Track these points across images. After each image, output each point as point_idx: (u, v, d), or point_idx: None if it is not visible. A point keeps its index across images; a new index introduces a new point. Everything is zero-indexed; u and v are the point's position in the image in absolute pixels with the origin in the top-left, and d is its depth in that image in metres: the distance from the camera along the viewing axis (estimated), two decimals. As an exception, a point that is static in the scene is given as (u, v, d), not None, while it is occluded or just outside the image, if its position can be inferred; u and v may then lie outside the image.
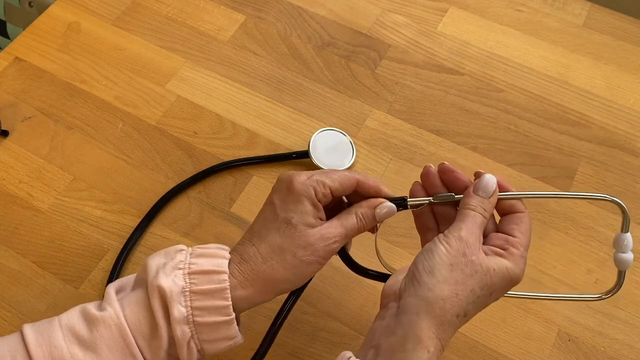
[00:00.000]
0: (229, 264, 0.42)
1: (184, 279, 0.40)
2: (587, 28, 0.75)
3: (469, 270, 0.38)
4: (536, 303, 0.57)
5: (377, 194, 0.44)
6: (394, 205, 0.44)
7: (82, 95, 0.69)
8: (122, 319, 0.39)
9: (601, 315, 0.56)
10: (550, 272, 0.58)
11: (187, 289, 0.40)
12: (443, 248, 0.38)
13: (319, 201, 0.43)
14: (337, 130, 0.65)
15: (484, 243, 0.41)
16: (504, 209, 0.43)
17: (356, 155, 0.65)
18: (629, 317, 0.56)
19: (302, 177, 0.42)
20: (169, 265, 0.41)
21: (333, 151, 0.64)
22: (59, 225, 0.61)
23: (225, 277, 0.41)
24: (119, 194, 0.63)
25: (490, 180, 0.42)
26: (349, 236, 0.43)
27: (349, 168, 0.64)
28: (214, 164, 0.64)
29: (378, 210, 0.44)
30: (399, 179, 0.64)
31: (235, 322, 0.41)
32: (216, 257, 0.42)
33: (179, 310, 0.39)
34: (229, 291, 0.40)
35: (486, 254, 0.40)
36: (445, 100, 0.70)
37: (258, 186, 0.63)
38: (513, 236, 0.41)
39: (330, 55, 0.73)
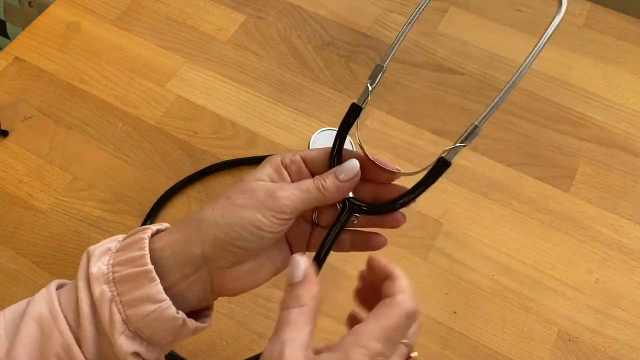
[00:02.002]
0: (170, 229, 0.39)
1: (115, 244, 0.38)
2: (588, 28, 0.75)
3: None
4: (536, 303, 0.57)
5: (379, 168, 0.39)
6: (356, 164, 0.38)
7: (82, 95, 0.69)
8: (53, 295, 0.37)
9: (601, 315, 0.56)
10: (550, 272, 0.58)
11: (114, 250, 0.37)
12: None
13: (285, 167, 0.38)
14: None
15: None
16: (382, 276, 0.37)
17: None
18: (630, 317, 0.56)
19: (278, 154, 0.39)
20: (107, 240, 0.39)
21: (333, 151, 0.64)
22: (59, 225, 0.61)
23: (147, 231, 0.37)
24: (119, 194, 0.63)
25: (296, 261, 0.35)
26: (302, 199, 0.36)
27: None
28: (214, 164, 0.64)
29: (339, 168, 0.38)
30: (399, 179, 0.64)
31: (158, 282, 0.35)
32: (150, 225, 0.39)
33: (98, 267, 0.36)
34: (146, 241, 0.36)
35: (320, 352, 0.33)
36: (445, 100, 0.70)
37: (258, 186, 0.63)
38: (364, 322, 0.34)
39: (330, 55, 0.73)
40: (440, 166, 0.36)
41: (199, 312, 0.39)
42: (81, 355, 0.35)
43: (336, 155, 0.39)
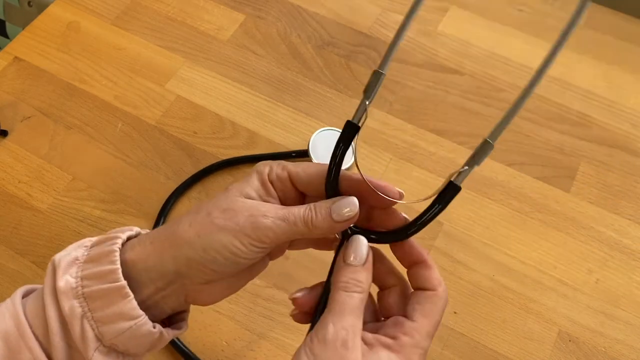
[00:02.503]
0: (141, 234, 0.37)
1: (82, 252, 0.35)
2: (588, 28, 0.75)
3: None
4: (537, 303, 0.57)
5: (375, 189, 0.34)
6: (355, 204, 0.33)
7: (81, 95, 0.69)
8: (19, 308, 0.34)
9: (602, 315, 0.56)
10: (550, 272, 0.58)
11: (82, 260, 0.35)
12: (306, 359, 0.30)
13: (271, 182, 0.35)
14: (337, 130, 0.65)
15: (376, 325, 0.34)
16: (410, 260, 0.35)
17: (356, 155, 0.64)
18: (630, 317, 0.56)
19: (268, 162, 0.36)
20: (72, 246, 0.36)
21: (333, 151, 0.64)
22: (58, 225, 0.60)
23: (118, 241, 0.35)
24: (119, 194, 0.62)
25: (360, 241, 0.33)
26: (286, 232, 0.33)
27: (348, 168, 0.64)
28: (214, 163, 0.64)
29: (335, 206, 0.33)
30: (399, 179, 0.64)
31: (132, 297, 0.33)
32: (119, 230, 0.36)
33: (66, 280, 0.33)
34: (117, 254, 0.34)
35: (370, 344, 0.32)
36: (445, 100, 0.69)
37: (258, 186, 0.63)
38: (412, 319, 0.33)
39: (330, 55, 0.73)
40: (450, 191, 0.33)
41: (174, 316, 0.38)
42: None
43: (332, 182, 0.34)
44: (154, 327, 0.34)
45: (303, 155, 0.64)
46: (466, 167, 0.32)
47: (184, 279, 0.34)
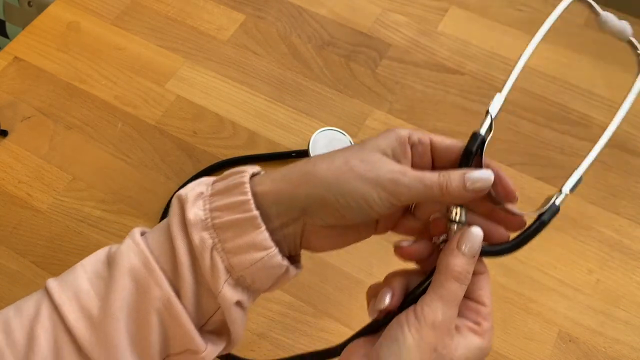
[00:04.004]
0: (266, 172, 0.37)
1: (206, 187, 0.35)
2: (588, 28, 0.75)
3: None
4: (537, 303, 0.57)
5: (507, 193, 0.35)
6: (491, 176, 0.34)
7: (81, 95, 0.69)
8: (143, 246, 0.35)
9: (602, 315, 0.56)
10: (550, 272, 0.58)
11: (207, 194, 0.35)
12: (413, 342, 0.32)
13: (411, 144, 0.36)
14: (337, 130, 0.65)
15: None
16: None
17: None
18: (630, 317, 0.56)
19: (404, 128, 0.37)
20: (192, 184, 0.36)
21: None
22: (59, 225, 0.60)
23: (246, 173, 0.35)
24: (119, 194, 0.62)
25: (478, 234, 0.34)
26: (421, 193, 0.34)
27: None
28: (214, 163, 0.64)
29: (469, 175, 0.34)
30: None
31: (265, 228, 0.34)
32: (240, 167, 0.36)
33: (195, 213, 0.34)
34: (247, 185, 0.34)
35: (459, 329, 0.34)
36: (445, 100, 0.69)
37: (258, 186, 0.63)
38: (483, 304, 0.35)
39: (331, 55, 0.73)
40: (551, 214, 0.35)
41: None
42: (182, 308, 0.34)
43: (470, 158, 0.35)
44: (283, 260, 0.35)
45: (303, 155, 0.64)
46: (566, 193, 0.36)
47: (308, 217, 0.35)
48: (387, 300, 0.35)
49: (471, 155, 0.35)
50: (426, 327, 0.32)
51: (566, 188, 0.36)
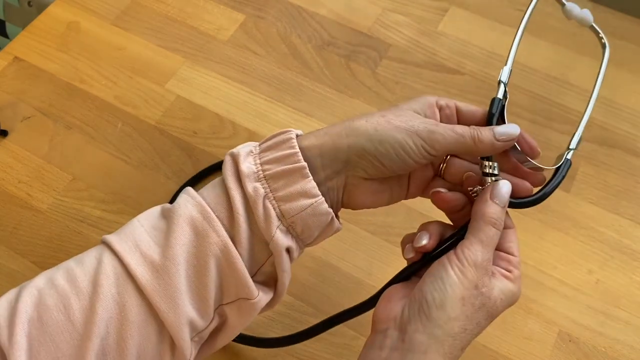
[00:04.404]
0: (310, 132, 0.40)
1: (254, 146, 0.39)
2: (588, 27, 0.75)
3: (478, 303, 0.36)
4: (537, 303, 0.57)
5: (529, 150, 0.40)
6: (517, 128, 0.39)
7: (81, 95, 0.69)
8: (199, 198, 0.37)
9: (602, 315, 0.56)
10: (551, 273, 0.58)
11: (256, 152, 0.38)
12: (456, 278, 0.35)
13: (439, 108, 0.40)
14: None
15: None
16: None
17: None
18: (630, 317, 0.56)
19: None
20: (242, 145, 0.39)
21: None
22: (59, 225, 0.60)
23: (292, 131, 0.38)
24: (119, 194, 0.62)
25: (506, 186, 0.38)
26: (455, 141, 0.37)
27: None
28: (214, 163, 0.64)
29: (498, 128, 0.38)
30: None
31: (312, 178, 0.36)
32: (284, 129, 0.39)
33: (247, 166, 0.37)
34: (294, 141, 0.37)
35: (494, 274, 0.37)
36: (445, 100, 0.69)
37: (258, 186, 0.63)
38: (513, 255, 0.39)
39: (331, 55, 0.73)
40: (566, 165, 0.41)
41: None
42: (237, 254, 0.36)
43: (495, 116, 0.39)
44: (329, 208, 0.37)
45: (303, 155, 0.63)
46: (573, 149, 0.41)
47: (350, 169, 0.38)
48: (425, 240, 0.38)
49: (493, 117, 0.39)
50: (468, 266, 0.35)
51: (573, 144, 0.42)
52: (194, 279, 0.36)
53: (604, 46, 0.50)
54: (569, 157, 0.41)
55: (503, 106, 0.40)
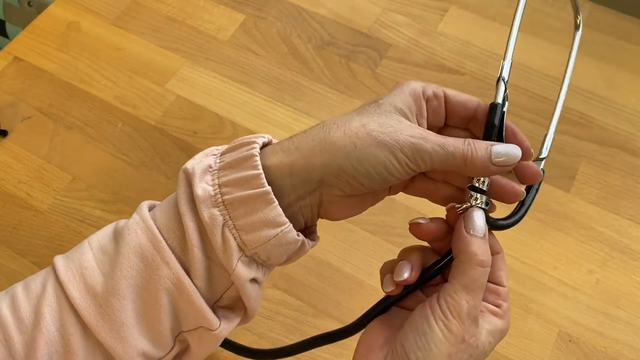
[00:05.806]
0: (277, 141, 0.35)
1: (214, 160, 0.34)
2: (588, 28, 0.75)
3: (466, 356, 0.32)
4: (537, 303, 0.57)
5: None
6: (519, 153, 0.33)
7: (81, 95, 0.69)
8: (150, 222, 0.34)
9: (602, 315, 0.56)
10: (550, 273, 0.58)
11: (216, 167, 0.33)
12: (441, 335, 0.31)
13: (426, 99, 0.35)
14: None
15: None
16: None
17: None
18: (630, 317, 0.56)
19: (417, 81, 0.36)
20: (200, 155, 0.35)
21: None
22: (58, 225, 0.60)
23: (255, 145, 0.33)
24: (119, 194, 0.62)
25: (478, 214, 0.33)
26: (443, 160, 0.32)
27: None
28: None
29: (496, 148, 0.33)
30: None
31: (277, 204, 0.32)
32: (250, 136, 0.35)
33: (203, 188, 0.32)
34: (258, 158, 0.33)
35: (481, 312, 0.34)
36: (445, 100, 0.69)
37: (258, 186, 0.63)
38: (502, 285, 0.35)
39: (331, 55, 0.73)
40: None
41: (304, 231, 0.36)
42: (193, 287, 0.33)
43: (495, 129, 0.34)
44: (298, 235, 0.33)
45: (303, 155, 0.63)
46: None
47: (325, 188, 0.33)
48: (406, 273, 0.34)
49: (493, 129, 0.34)
50: (453, 319, 0.31)
51: (544, 154, 0.39)
52: (144, 312, 0.34)
53: (577, 27, 0.43)
54: (540, 166, 0.37)
55: (503, 113, 0.35)
